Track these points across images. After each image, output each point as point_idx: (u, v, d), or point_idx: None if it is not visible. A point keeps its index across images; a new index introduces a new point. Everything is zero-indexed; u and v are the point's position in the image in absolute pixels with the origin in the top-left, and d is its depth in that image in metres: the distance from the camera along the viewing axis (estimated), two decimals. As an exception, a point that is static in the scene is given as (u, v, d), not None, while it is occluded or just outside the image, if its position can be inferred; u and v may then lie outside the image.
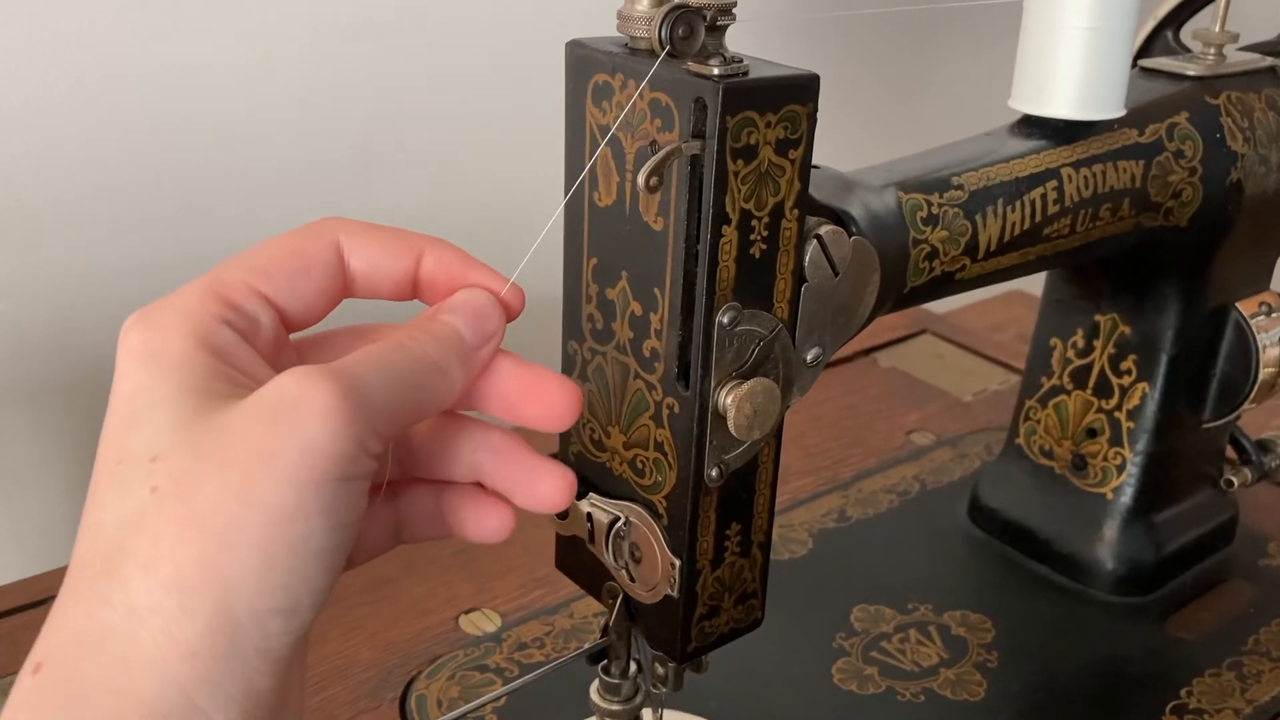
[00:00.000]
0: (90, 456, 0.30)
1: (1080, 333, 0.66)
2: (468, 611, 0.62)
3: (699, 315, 0.39)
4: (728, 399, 0.39)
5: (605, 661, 0.49)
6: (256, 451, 0.27)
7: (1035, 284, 1.13)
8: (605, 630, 0.49)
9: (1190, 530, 0.67)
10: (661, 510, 0.42)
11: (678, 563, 0.42)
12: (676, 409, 0.40)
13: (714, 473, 0.41)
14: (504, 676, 0.57)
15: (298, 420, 0.27)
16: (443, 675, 0.57)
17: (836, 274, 0.42)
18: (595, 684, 0.50)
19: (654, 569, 0.43)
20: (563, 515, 0.46)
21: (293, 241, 0.33)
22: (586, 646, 0.49)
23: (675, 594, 0.43)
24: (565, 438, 0.46)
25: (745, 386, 0.39)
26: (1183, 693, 0.58)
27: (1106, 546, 0.65)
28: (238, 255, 0.32)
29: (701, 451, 0.41)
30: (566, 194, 0.42)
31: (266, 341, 0.32)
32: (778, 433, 0.43)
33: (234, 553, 0.26)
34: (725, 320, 0.39)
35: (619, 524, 0.44)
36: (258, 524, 0.26)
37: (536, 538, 0.69)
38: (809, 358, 0.43)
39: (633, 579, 0.44)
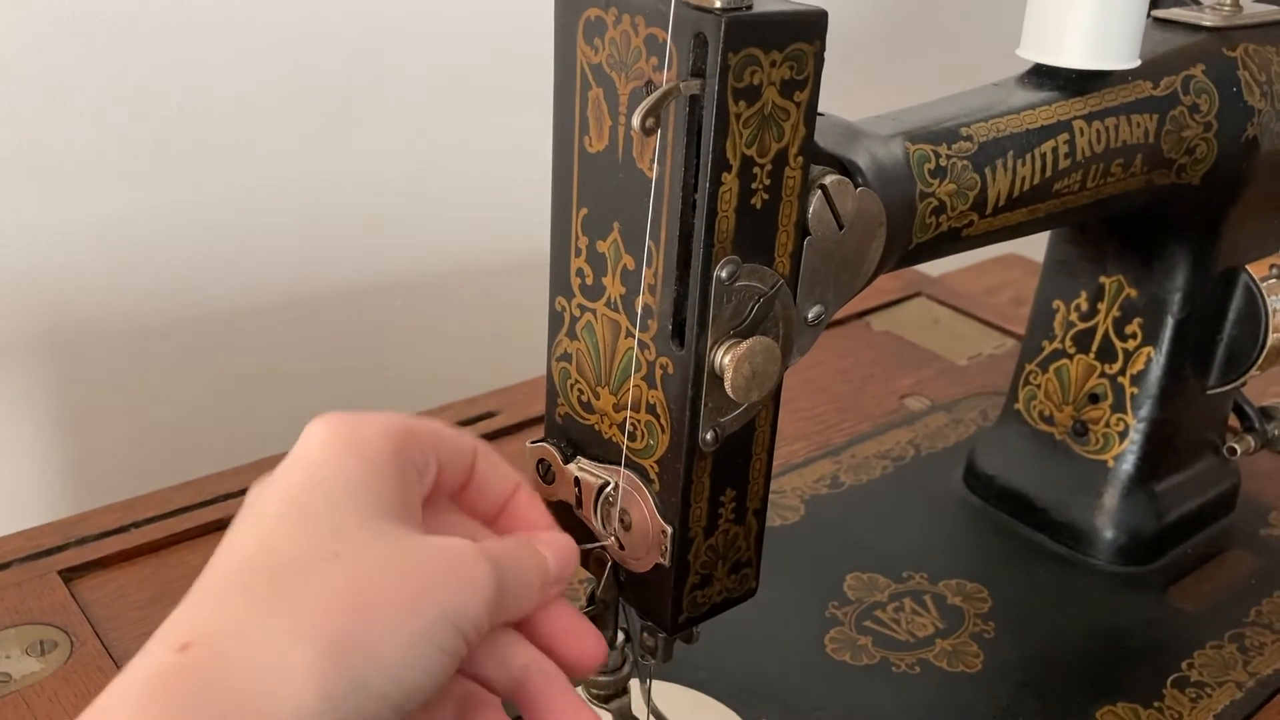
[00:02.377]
0: (49, 413, 0.28)
1: (1084, 295, 0.63)
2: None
3: (695, 269, 0.36)
4: (725, 359, 0.37)
5: (591, 631, 0.48)
6: (432, 580, 0.31)
7: (1032, 247, 1.11)
8: (591, 599, 0.47)
9: (1192, 499, 0.65)
10: (653, 475, 0.40)
11: (669, 530, 0.40)
12: (670, 369, 0.38)
13: (709, 436, 0.39)
14: (486, 645, 0.55)
15: (468, 578, 0.32)
16: (422, 643, 0.55)
17: (841, 227, 0.40)
18: (581, 654, 0.48)
19: (644, 536, 0.41)
20: (548, 479, 0.44)
21: (447, 428, 0.37)
22: (573, 615, 0.47)
23: (666, 562, 0.41)
24: (552, 400, 0.44)
25: (744, 345, 0.37)
26: (1184, 665, 0.56)
27: (1106, 515, 0.63)
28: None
29: (696, 414, 0.38)
30: (555, 140, 0.40)
31: (425, 488, 0.35)
32: (776, 395, 0.41)
33: (386, 637, 0.30)
34: (723, 275, 0.36)
35: (608, 489, 0.42)
36: (410, 627, 0.30)
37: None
38: (810, 316, 0.40)
39: (622, 546, 0.42)
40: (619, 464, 0.41)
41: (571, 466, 0.43)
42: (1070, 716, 0.53)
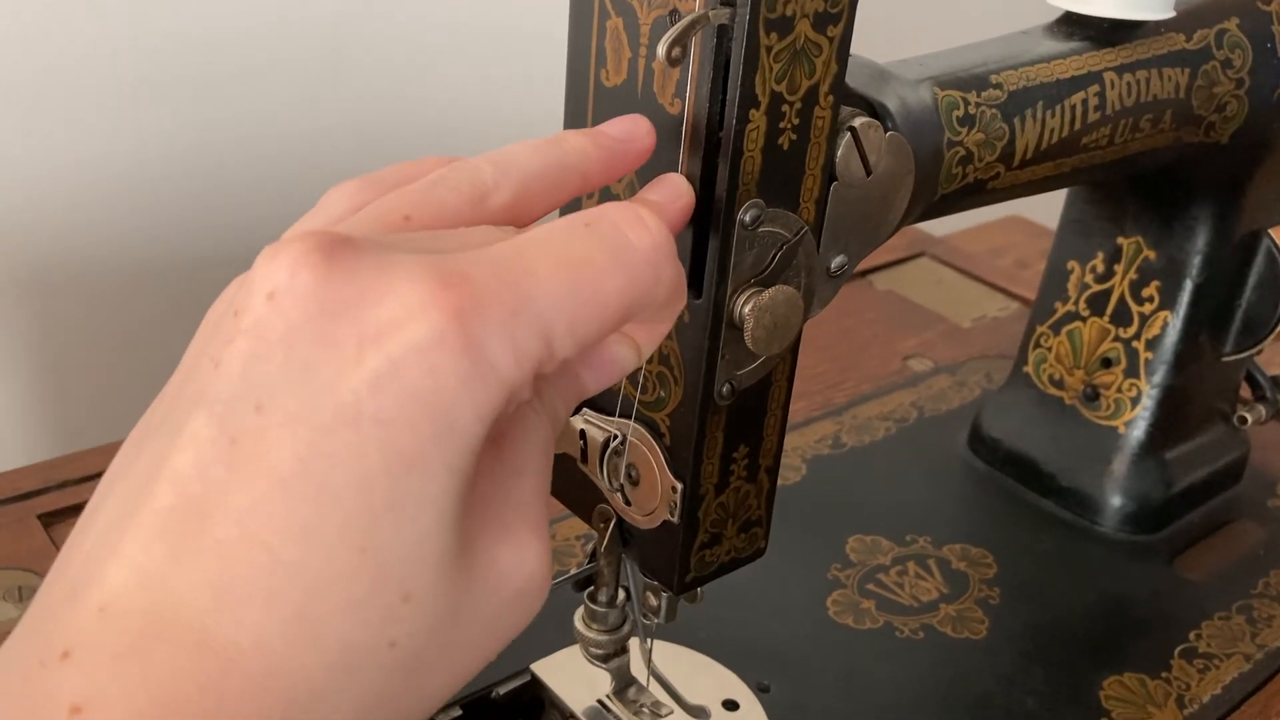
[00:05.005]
0: (30, 355, 0.26)
1: (1101, 256, 0.62)
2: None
3: (717, 213, 0.34)
4: (745, 309, 0.35)
5: (592, 588, 0.46)
6: (495, 633, 0.26)
7: (1036, 210, 1.09)
8: (593, 555, 0.46)
9: (1201, 468, 0.64)
10: (664, 429, 0.39)
11: (679, 486, 0.38)
12: (686, 318, 0.36)
13: (724, 389, 0.37)
14: (480, 600, 0.54)
15: (529, 611, 0.27)
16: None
17: (869, 173, 0.38)
18: (580, 612, 0.46)
19: (653, 492, 0.39)
20: (552, 431, 0.42)
21: (629, 295, 0.26)
22: (573, 572, 0.46)
23: (675, 520, 0.39)
24: (557, 347, 0.42)
25: (766, 295, 0.35)
26: (1191, 635, 0.55)
27: (1115, 482, 0.62)
28: (569, 296, 0.25)
29: (712, 366, 0.37)
30: (569, 74, 0.38)
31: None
32: (794, 349, 0.39)
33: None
34: (747, 219, 0.35)
35: (616, 442, 0.40)
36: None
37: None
38: (833, 266, 0.39)
39: (628, 502, 0.40)
40: (629, 417, 0.40)
41: (577, 419, 0.41)
42: (1076, 685, 0.52)
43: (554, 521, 0.60)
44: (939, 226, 1.01)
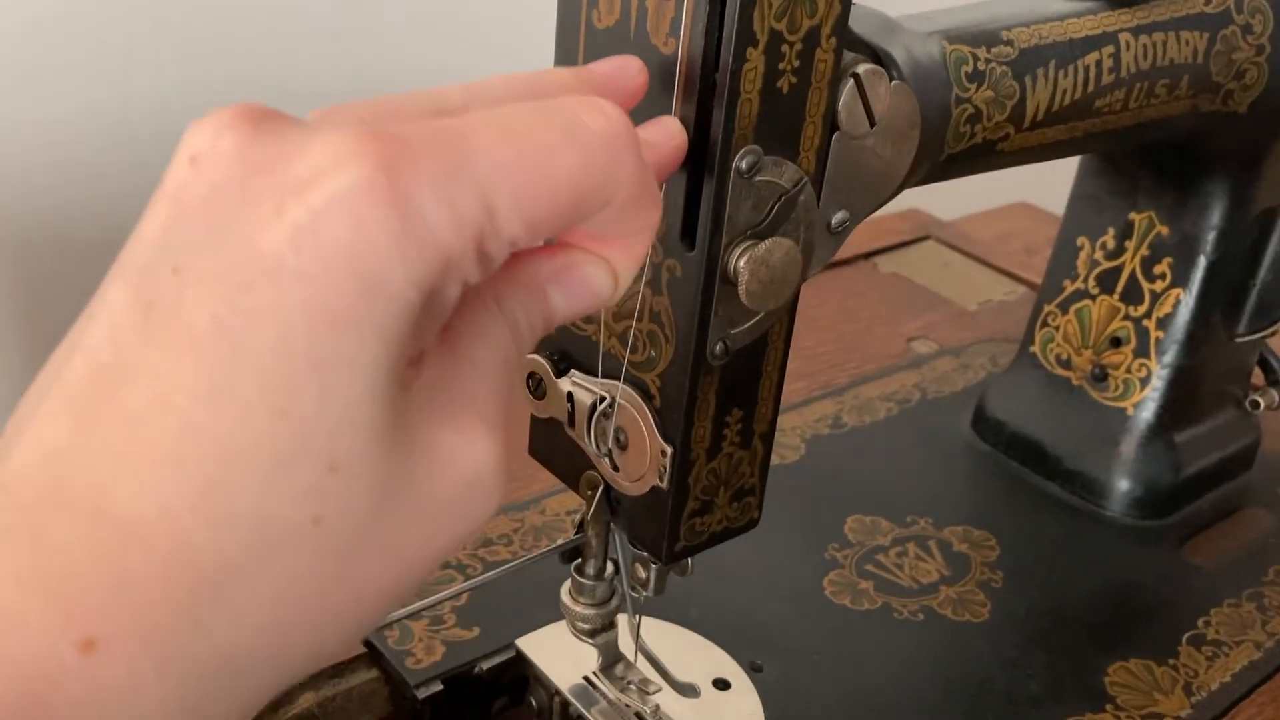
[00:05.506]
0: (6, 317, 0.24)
1: (1111, 232, 0.60)
2: (429, 503, 0.57)
3: (712, 159, 0.33)
4: (740, 261, 0.34)
5: (579, 561, 0.44)
6: (440, 526, 0.24)
7: (1045, 195, 1.08)
8: (581, 526, 0.44)
9: (1211, 452, 0.62)
10: (654, 391, 0.37)
11: (669, 450, 0.37)
12: (678, 272, 0.35)
13: (717, 349, 0.35)
14: (466, 574, 0.52)
15: (479, 507, 0.24)
16: (398, 570, 0.52)
17: (873, 124, 0.36)
18: (567, 585, 0.45)
19: (642, 457, 0.38)
20: (539, 394, 0.41)
21: (582, 178, 0.24)
22: (559, 543, 0.44)
23: (664, 485, 0.37)
24: (546, 306, 0.41)
25: (762, 247, 0.34)
26: (1200, 622, 0.54)
27: (1123, 465, 0.60)
28: (515, 165, 0.23)
29: (705, 323, 0.35)
30: (560, 16, 0.36)
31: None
32: (792, 309, 0.37)
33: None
34: (743, 166, 0.33)
35: (603, 405, 0.38)
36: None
37: (508, 430, 0.64)
38: (833, 222, 0.37)
39: (616, 468, 0.39)
40: (618, 379, 0.38)
41: (564, 381, 0.39)
42: (1081, 670, 0.50)
43: (542, 497, 0.58)
44: (945, 209, 1.00)
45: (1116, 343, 0.60)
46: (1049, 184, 1.09)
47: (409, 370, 0.23)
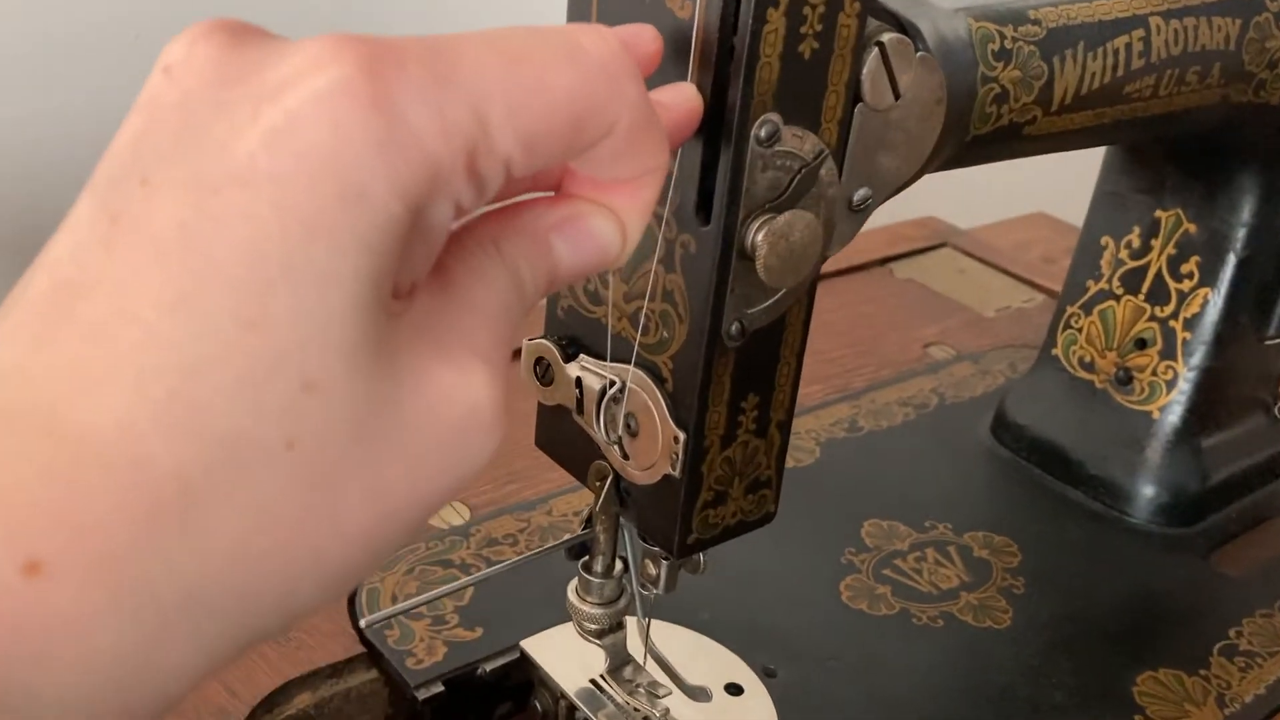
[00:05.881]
0: None
1: (1137, 231, 0.58)
2: (433, 502, 0.55)
3: (730, 127, 0.31)
4: (758, 235, 0.32)
5: (586, 558, 0.43)
6: (431, 467, 0.22)
7: (1062, 206, 1.06)
8: (588, 521, 0.42)
9: (1239, 459, 0.60)
10: (666, 373, 0.35)
11: (682, 436, 0.35)
12: (693, 248, 0.33)
13: (733, 329, 0.34)
14: (469, 573, 0.50)
15: (475, 450, 0.23)
16: (399, 569, 0.50)
17: (897, 96, 0.34)
18: (574, 583, 0.43)
19: (653, 444, 0.36)
20: (546, 380, 0.39)
21: (580, 97, 0.23)
22: (566, 538, 0.42)
23: (677, 474, 0.36)
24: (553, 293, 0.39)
25: (781, 219, 0.32)
26: (1231, 633, 0.52)
27: (1149, 470, 0.58)
28: (508, 77, 0.21)
29: (720, 301, 0.33)
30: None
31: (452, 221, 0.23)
32: (810, 291, 0.36)
33: None
34: (762, 134, 0.31)
35: (613, 390, 0.37)
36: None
37: (514, 429, 0.62)
38: (855, 199, 0.35)
39: (626, 456, 0.37)
40: (628, 363, 0.36)
41: (572, 366, 0.38)
42: (1107, 679, 0.48)
43: (548, 497, 0.57)
44: (961, 218, 0.98)
45: (1142, 344, 0.59)
46: (1067, 193, 1.08)
47: (397, 302, 0.22)
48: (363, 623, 0.39)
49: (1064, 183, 1.11)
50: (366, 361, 0.21)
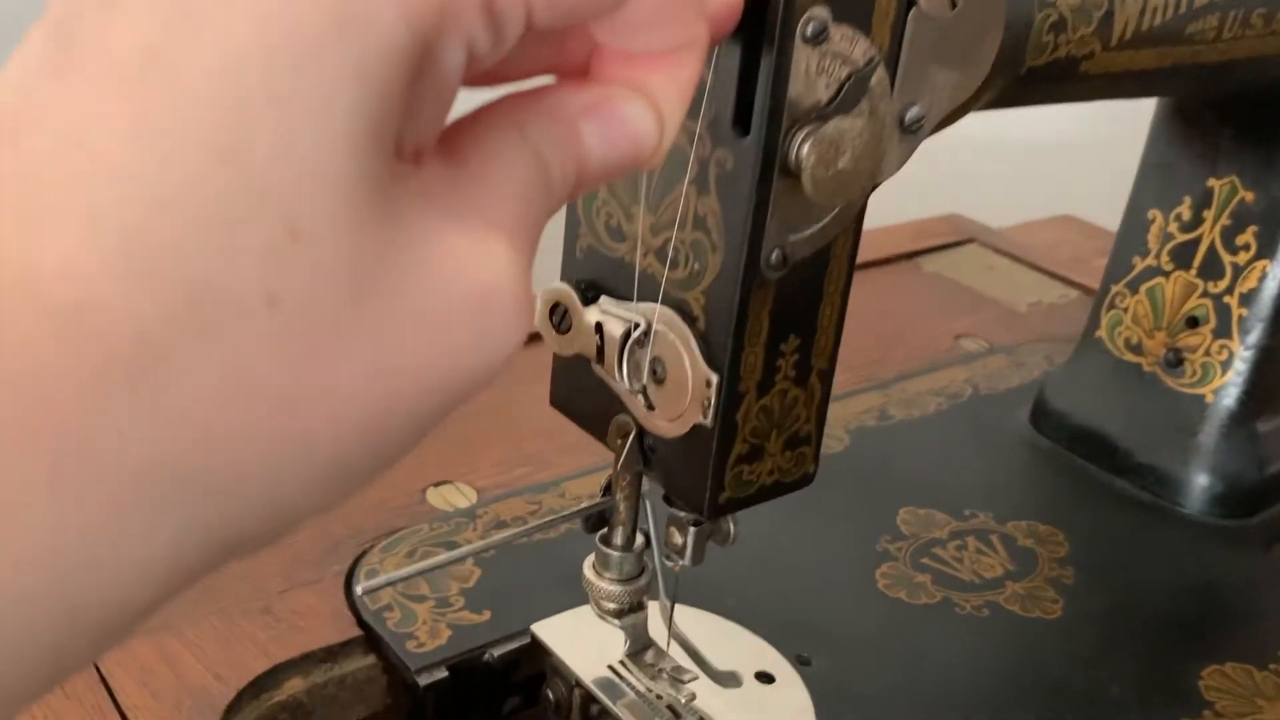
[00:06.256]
0: None
1: (1187, 202, 0.55)
2: (437, 484, 0.52)
3: (772, 26, 0.28)
4: (804, 147, 0.29)
5: (605, 530, 0.39)
6: (442, 345, 0.19)
7: (1090, 208, 1.03)
8: (607, 489, 0.39)
9: (1299, 447, 0.57)
10: (698, 311, 0.32)
11: (714, 380, 0.32)
12: (729, 165, 0.30)
13: (773, 257, 0.31)
14: (476, 555, 0.47)
15: (494, 335, 0.19)
16: (401, 550, 0.47)
17: (954, 4, 0.31)
18: (590, 559, 0.40)
19: (682, 390, 0.33)
20: (563, 328, 0.36)
21: None
22: (583, 505, 0.39)
23: (708, 422, 0.32)
24: (572, 231, 0.36)
25: (830, 127, 0.29)
26: (1299, 627, 0.48)
27: (1202, 458, 0.55)
28: None
29: (760, 225, 0.30)
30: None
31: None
32: (857, 222, 0.33)
33: None
34: (809, 32, 0.28)
35: (638, 332, 0.33)
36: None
37: (526, 410, 0.59)
38: (908, 116, 0.32)
39: (651, 406, 0.34)
40: (655, 302, 0.33)
41: (592, 310, 0.34)
42: (1168, 673, 0.45)
43: (561, 480, 0.53)
44: (989, 217, 0.95)
45: (1193, 323, 0.55)
46: (1098, 195, 1.05)
47: (402, 164, 0.19)
48: (359, 588, 0.35)
49: (1092, 184, 1.09)
50: (365, 212, 0.17)
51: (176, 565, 0.17)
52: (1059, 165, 1.23)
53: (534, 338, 0.68)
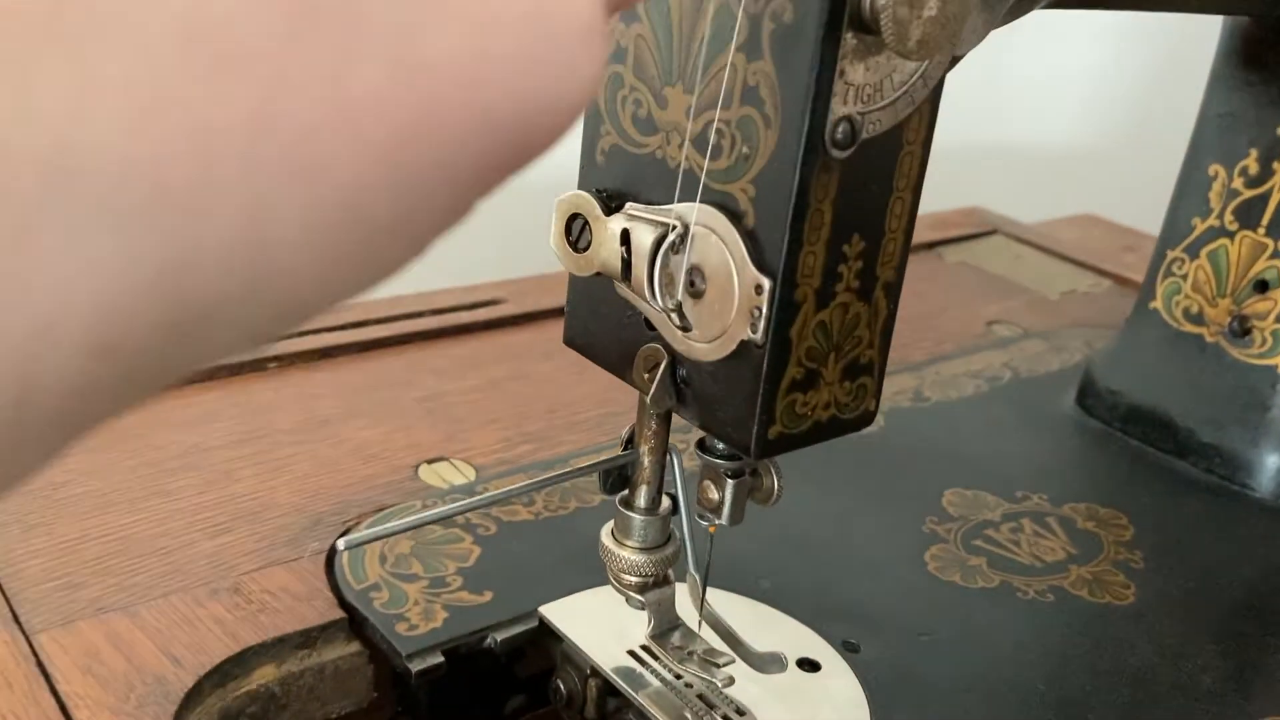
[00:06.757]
0: None
1: (1253, 154, 0.50)
2: (431, 461, 0.47)
3: None
4: (881, -11, 0.24)
5: (626, 492, 0.34)
6: (492, 54, 0.14)
7: (1111, 208, 0.98)
8: (628, 442, 0.34)
9: (1377, 425, 0.52)
10: (745, 204, 0.27)
11: (767, 285, 0.27)
12: (787, 15, 0.25)
13: (839, 132, 0.26)
14: (474, 532, 0.41)
15: (561, 50, 0.15)
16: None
17: None
18: (608, 526, 0.34)
19: (725, 302, 0.27)
20: (580, 245, 0.30)
21: None
22: (602, 459, 0.34)
23: (758, 338, 0.27)
24: (593, 129, 0.31)
25: (912, -40, 0.24)
26: (1401, 615, 0.43)
27: (1274, 436, 0.50)
28: None
29: (826, 90, 0.25)
30: None
31: None
32: (934, 100, 0.28)
33: None
34: None
35: (673, 235, 0.28)
36: None
37: (528, 387, 0.54)
38: (994, -26, 0.27)
39: (688, 326, 0.28)
40: (692, 200, 0.28)
41: (616, 218, 0.29)
42: (1266, 663, 0.39)
43: (568, 456, 0.48)
44: (1008, 210, 0.90)
45: (1263, 287, 0.50)
46: (1121, 191, 1.00)
47: None
48: (340, 543, 0.29)
49: (1117, 180, 1.04)
50: None
51: (121, 298, 0.11)
52: (1075, 170, 1.19)
53: (536, 317, 0.63)
